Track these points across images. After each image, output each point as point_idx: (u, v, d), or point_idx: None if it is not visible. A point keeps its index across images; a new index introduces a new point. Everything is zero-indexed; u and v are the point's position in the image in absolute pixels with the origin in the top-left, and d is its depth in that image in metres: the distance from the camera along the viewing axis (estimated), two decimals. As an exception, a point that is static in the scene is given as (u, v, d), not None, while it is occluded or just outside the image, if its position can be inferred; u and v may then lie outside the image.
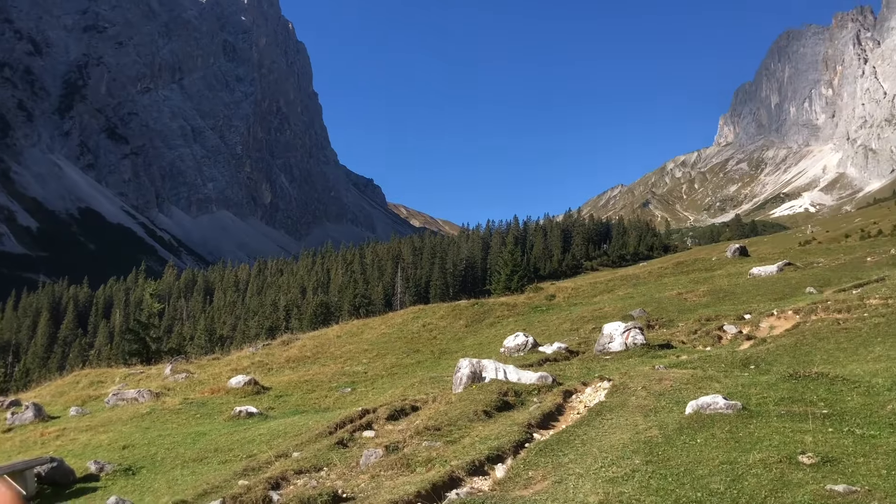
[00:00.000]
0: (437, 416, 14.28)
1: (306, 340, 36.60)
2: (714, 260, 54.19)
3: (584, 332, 27.24)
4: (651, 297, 33.51)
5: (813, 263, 39.15)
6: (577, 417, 12.99)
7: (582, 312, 31.98)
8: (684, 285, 36.77)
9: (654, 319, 27.16)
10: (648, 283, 43.56)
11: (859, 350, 17.13)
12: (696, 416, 10.88)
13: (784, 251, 60.58)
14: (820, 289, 28.45)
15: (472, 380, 16.95)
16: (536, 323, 32.38)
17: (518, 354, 23.32)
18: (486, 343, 29.97)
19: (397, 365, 28.67)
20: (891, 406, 10.92)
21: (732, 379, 14.19)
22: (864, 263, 34.77)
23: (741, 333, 22.12)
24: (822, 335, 19.10)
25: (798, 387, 12.64)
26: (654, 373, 15.29)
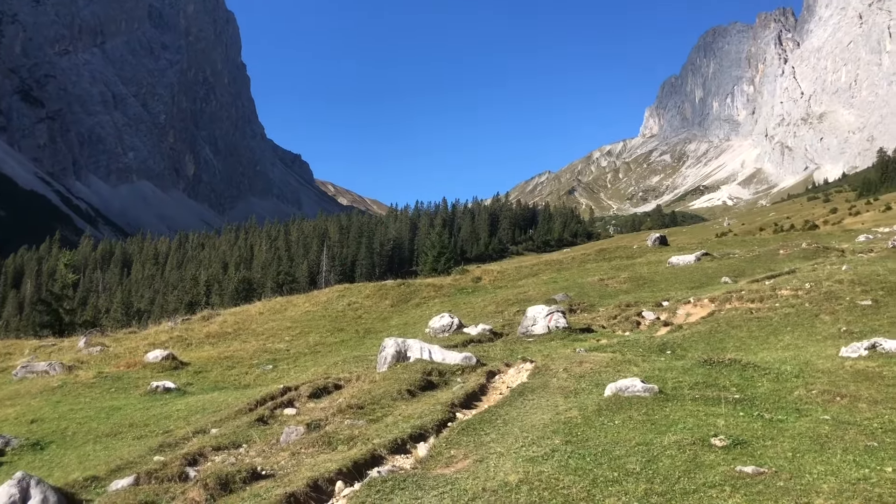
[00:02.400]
0: (360, 394, 14.23)
1: (227, 316, 35.94)
2: (635, 248, 55.51)
3: (508, 314, 27.56)
4: (574, 282, 34.13)
5: (729, 254, 40.51)
6: (500, 398, 13.13)
7: (507, 295, 32.33)
8: (606, 272, 37.56)
9: (576, 304, 27.69)
10: (572, 268, 44.32)
11: (770, 338, 17.85)
12: (614, 398, 11.14)
13: (702, 242, 62.54)
14: (735, 279, 29.47)
15: (397, 359, 16.96)
16: (462, 304, 32.59)
17: (443, 335, 23.43)
18: (412, 323, 30.01)
19: (321, 343, 28.44)
20: (797, 392, 11.42)
21: (650, 363, 14.60)
22: (777, 256, 36.16)
23: (659, 320, 22.76)
24: (735, 323, 19.83)
25: (712, 372, 13.09)
26: (576, 356, 15.60)
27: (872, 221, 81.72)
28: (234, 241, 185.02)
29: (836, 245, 39.19)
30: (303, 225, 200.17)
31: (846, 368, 12.85)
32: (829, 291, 21.27)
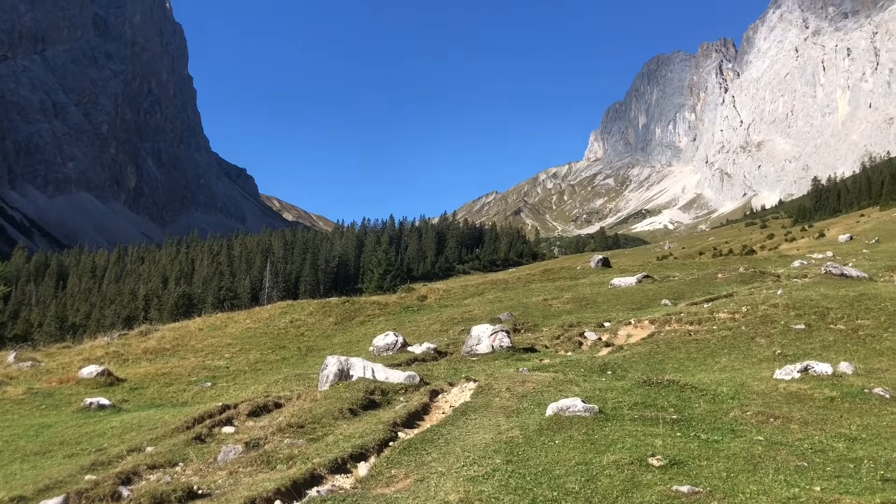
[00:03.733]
0: (301, 413, 14.03)
1: (166, 332, 35.14)
2: (579, 269, 56.25)
3: (453, 333, 27.57)
4: (519, 302, 34.36)
5: (669, 277, 41.34)
6: (443, 417, 13.11)
7: (452, 314, 32.37)
8: (550, 292, 37.92)
9: (520, 323, 27.86)
10: (517, 288, 44.65)
11: (707, 360, 18.24)
12: (555, 417, 11.22)
13: (643, 264, 63.66)
14: (674, 301, 30.06)
15: (340, 378, 16.79)
16: (407, 323, 32.50)
17: (387, 354, 23.30)
18: (356, 341, 29.79)
19: (262, 361, 28.01)
20: (733, 413, 11.68)
21: (591, 383, 14.77)
22: (715, 280, 37.02)
23: (601, 340, 23.05)
24: (674, 345, 20.21)
25: (651, 393, 13.30)
26: (518, 375, 15.68)
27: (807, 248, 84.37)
28: (174, 256, 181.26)
29: (772, 270, 40.32)
30: (246, 240, 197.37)
31: (780, 390, 13.20)
32: (764, 315, 21.85)
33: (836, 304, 22.19)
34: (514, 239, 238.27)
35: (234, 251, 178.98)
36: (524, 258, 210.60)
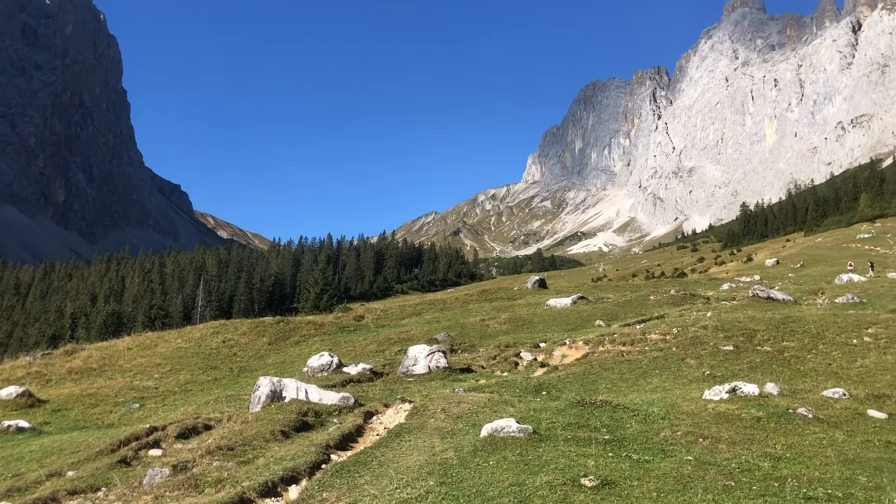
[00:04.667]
0: (231, 435, 13.70)
1: (93, 351, 33.97)
2: (516, 290, 56.67)
3: (389, 353, 27.39)
4: (456, 322, 34.38)
5: (603, 298, 41.96)
6: (377, 439, 12.96)
7: (389, 334, 32.17)
8: (487, 312, 38.07)
9: (457, 344, 27.85)
10: (455, 308, 44.71)
11: (639, 381, 18.51)
12: (490, 438, 11.20)
13: (579, 286, 64.60)
14: (608, 322, 30.50)
15: (272, 399, 16.47)
16: (343, 343, 32.16)
17: (322, 374, 22.98)
18: (290, 362, 29.31)
19: (192, 381, 27.30)
20: (663, 433, 11.85)
21: (526, 404, 14.81)
22: (648, 301, 37.75)
23: (536, 361, 23.19)
24: (607, 365, 20.47)
25: (584, 413, 13.41)
26: (454, 396, 15.63)
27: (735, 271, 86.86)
28: (104, 273, 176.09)
29: (702, 292, 41.32)
30: (179, 257, 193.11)
31: (709, 411, 13.46)
32: (694, 337, 22.33)
33: (763, 326, 22.83)
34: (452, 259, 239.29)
35: (167, 269, 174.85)
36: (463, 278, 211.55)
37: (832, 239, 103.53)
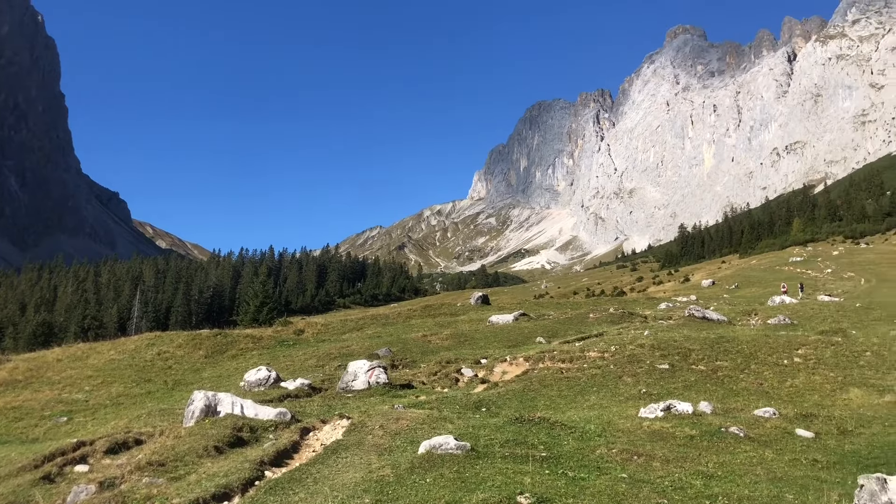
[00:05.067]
0: (162, 450, 13.34)
1: (20, 362, 32.77)
2: (459, 306, 56.76)
3: (329, 368, 27.09)
4: (398, 338, 34.23)
5: (544, 315, 42.31)
6: (313, 455, 12.77)
7: (329, 349, 31.83)
8: (430, 328, 38.02)
9: (398, 359, 27.72)
10: (397, 323, 44.53)
11: (578, 398, 18.68)
12: (428, 455, 11.13)
13: (521, 302, 64.99)
14: (548, 339, 30.76)
15: (206, 413, 16.11)
16: (282, 357, 31.69)
17: (259, 389, 22.60)
18: (227, 376, 28.75)
19: (125, 395, 26.54)
20: (599, 451, 11.96)
21: (465, 420, 14.79)
22: (588, 319, 38.22)
23: (477, 377, 23.23)
24: (547, 382, 20.61)
25: (522, 430, 13.46)
26: (393, 412, 15.52)
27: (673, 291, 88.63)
28: (35, 281, 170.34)
29: (640, 311, 42.05)
30: (115, 267, 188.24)
31: (644, 428, 13.65)
32: (631, 355, 22.68)
33: (698, 345, 23.31)
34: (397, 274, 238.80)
35: (102, 278, 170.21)
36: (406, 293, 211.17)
37: (766, 261, 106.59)
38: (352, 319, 47.89)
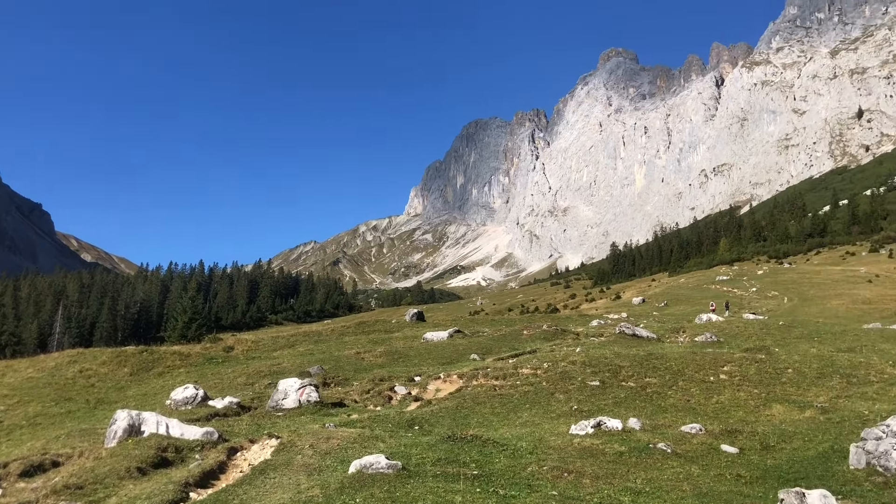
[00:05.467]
0: (81, 472, 12.83)
1: (-71, 381, 31.16)
2: (394, 323, 56.49)
3: (259, 387, 26.55)
4: (331, 355, 33.83)
5: (479, 332, 42.45)
6: (240, 476, 12.46)
7: (259, 367, 31.23)
8: (363, 345, 37.69)
9: (331, 377, 27.36)
10: (330, 340, 44.01)
11: (510, 415, 18.73)
12: (358, 475, 10.98)
13: (456, 319, 65.15)
14: (483, 356, 30.81)
15: (130, 433, 15.57)
16: (210, 375, 30.94)
17: (186, 408, 21.97)
18: (153, 394, 27.90)
19: (43, 414, 25.47)
20: (531, 468, 11.98)
21: (397, 439, 14.65)
22: (521, 336, 38.48)
23: (410, 395, 23.09)
24: (480, 399, 20.62)
25: (454, 448, 13.40)
26: (324, 431, 15.28)
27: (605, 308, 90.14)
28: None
29: (572, 328, 42.55)
30: (36, 280, 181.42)
31: (574, 445, 13.75)
32: (564, 372, 22.89)
33: (628, 362, 23.69)
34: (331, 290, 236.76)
35: (22, 293, 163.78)
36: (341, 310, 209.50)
37: (694, 280, 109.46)
38: (283, 336, 47.16)
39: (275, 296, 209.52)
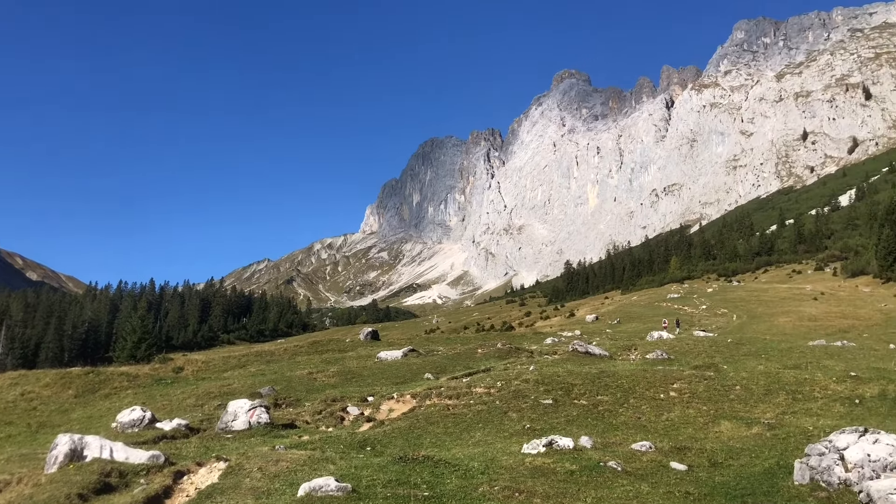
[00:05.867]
0: (19, 499, 12.44)
1: None
2: (348, 342, 56.06)
3: (208, 408, 26.06)
4: (282, 375, 33.40)
5: (433, 351, 42.34)
6: (186, 500, 12.20)
7: (209, 387, 30.68)
8: (316, 365, 37.30)
9: (282, 398, 26.99)
10: (282, 360, 43.47)
11: (463, 435, 18.69)
12: (307, 498, 10.83)
13: (411, 338, 64.89)
14: (437, 375, 30.73)
15: (72, 458, 15.12)
16: (159, 397, 30.28)
17: (132, 430, 21.45)
18: (98, 417, 27.19)
19: (-19, 439, 24.62)
20: (482, 489, 11.95)
21: (348, 461, 14.50)
22: (476, 354, 38.49)
23: (363, 415, 22.89)
24: (433, 419, 20.54)
25: (406, 469, 13.30)
26: (273, 453, 15.04)
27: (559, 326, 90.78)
28: None
29: (527, 346, 42.71)
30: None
31: (526, 465, 13.76)
32: (517, 390, 22.95)
33: (580, 380, 23.86)
34: (284, 309, 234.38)
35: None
36: (294, 329, 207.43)
37: (646, 298, 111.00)
38: (235, 356, 46.43)
39: (227, 315, 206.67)
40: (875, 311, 69.29)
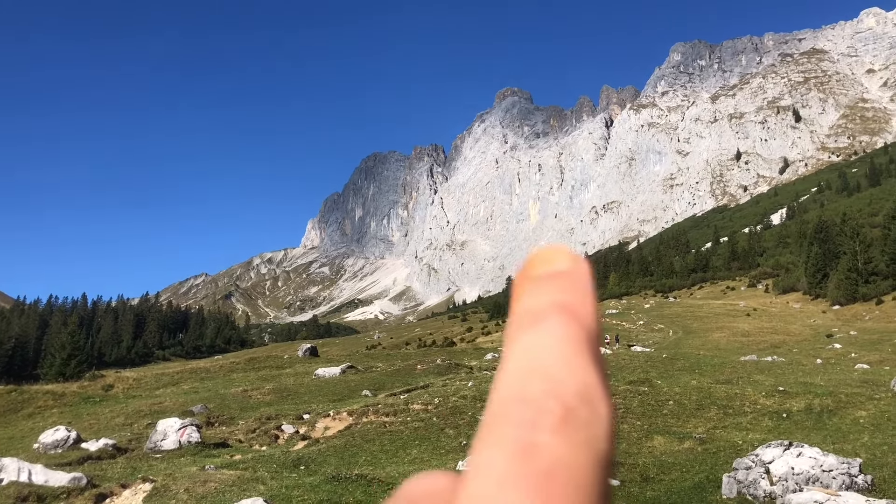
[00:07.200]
0: (-73, 528, 11.77)
1: None
2: (286, 358, 55.26)
3: (138, 427, 25.29)
4: (216, 393, 32.69)
5: (373, 367, 42.06)
6: (107, 525, 11.73)
7: (140, 406, 29.82)
8: (252, 382, 36.64)
9: (215, 416, 26.38)
10: (217, 377, 42.60)
11: (399, 452, 18.52)
12: (234, 521, 10.54)
13: (351, 354, 64.41)
14: (374, 392, 30.46)
15: (-13, 482, 14.44)
16: (86, 416, 29.27)
17: (55, 451, 20.66)
18: (20, 437, 26.11)
19: None
20: (414, 507, 11.80)
21: (279, 480, 14.20)
22: (415, 370, 38.34)
23: (298, 433, 22.52)
24: (369, 437, 20.32)
25: (338, 489, 13.08)
26: (202, 474, 14.65)
27: (500, 341, 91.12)
28: None
29: (466, 362, 42.74)
30: None
31: (460, 482, 13.66)
32: (454, 406, 22.89)
33: (518, 396, 23.90)
34: (222, 324, 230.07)
35: None
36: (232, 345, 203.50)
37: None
38: (168, 373, 45.30)
39: (163, 331, 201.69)
40: (805, 327, 71.53)
